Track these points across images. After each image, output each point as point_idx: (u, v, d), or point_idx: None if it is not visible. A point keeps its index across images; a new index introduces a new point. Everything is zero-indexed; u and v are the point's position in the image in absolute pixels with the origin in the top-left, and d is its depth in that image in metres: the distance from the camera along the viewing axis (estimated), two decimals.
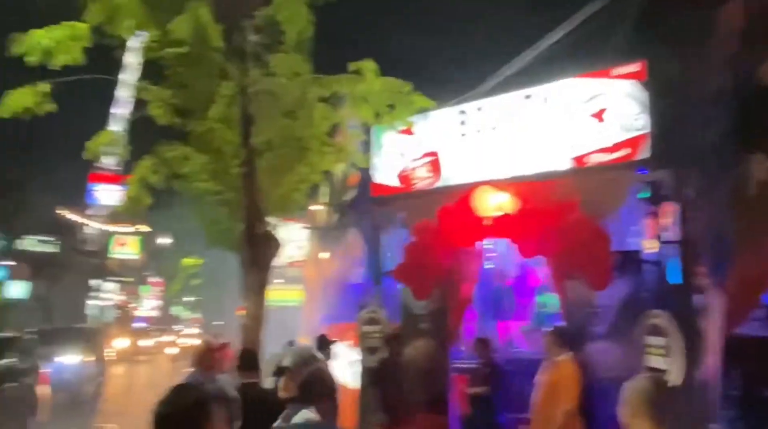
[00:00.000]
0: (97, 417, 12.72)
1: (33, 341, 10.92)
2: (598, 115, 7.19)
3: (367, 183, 9.60)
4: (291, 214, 9.62)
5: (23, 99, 6.36)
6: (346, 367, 10.42)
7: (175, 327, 49.33)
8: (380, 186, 9.08)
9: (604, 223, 6.68)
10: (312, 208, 16.06)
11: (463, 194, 7.73)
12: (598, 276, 6.44)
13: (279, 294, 17.98)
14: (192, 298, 58.74)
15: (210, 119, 7.19)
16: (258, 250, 7.26)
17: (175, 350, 34.28)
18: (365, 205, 10.20)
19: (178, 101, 7.27)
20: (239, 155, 7.36)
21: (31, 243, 29.69)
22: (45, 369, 10.42)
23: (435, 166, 8.48)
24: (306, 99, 7.31)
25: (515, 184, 7.58)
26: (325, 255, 18.43)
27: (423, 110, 7.96)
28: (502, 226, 7.50)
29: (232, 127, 7.40)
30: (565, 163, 7.38)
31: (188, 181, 8.29)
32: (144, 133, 9.39)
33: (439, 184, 8.42)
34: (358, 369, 9.55)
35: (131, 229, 40.60)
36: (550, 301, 8.43)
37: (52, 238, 31.94)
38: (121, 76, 25.52)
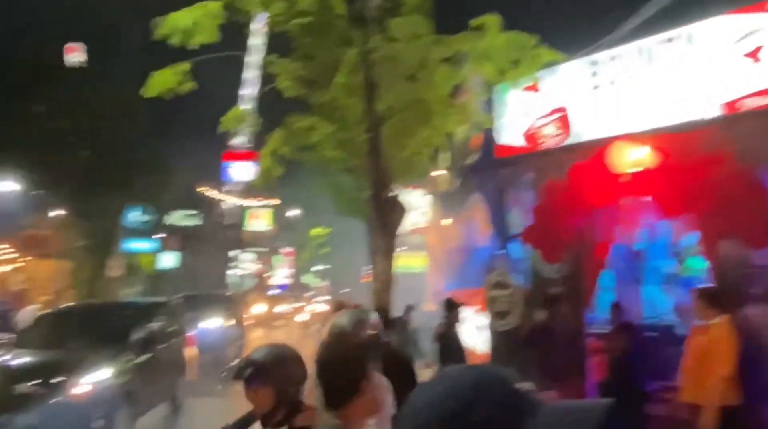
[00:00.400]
0: None
1: (180, 306, 11.69)
2: (753, 55, 6.41)
3: (491, 144, 9.34)
4: (415, 178, 9.64)
5: (166, 79, 6.82)
6: (473, 332, 10.39)
7: (306, 294, 51.99)
8: (505, 147, 8.81)
9: (760, 175, 6.00)
10: (434, 173, 16.00)
11: (596, 150, 7.28)
12: (755, 233, 5.82)
13: (403, 261, 18.26)
14: (321, 267, 61.51)
15: (334, 88, 7.32)
16: (385, 216, 7.36)
17: (306, 316, 36.01)
18: (489, 168, 9.97)
19: (304, 73, 7.47)
20: (363, 122, 7.46)
21: (177, 218, 32.55)
22: (191, 332, 11.16)
23: (564, 123, 8.06)
24: (427, 61, 7.21)
25: (655, 137, 7.00)
26: (447, 221, 18.39)
27: (550, 64, 7.56)
28: (641, 183, 6.99)
29: (355, 95, 7.49)
30: (713, 111, 6.70)
31: (315, 151, 8.57)
32: (272, 108, 9.81)
33: (570, 141, 7.99)
34: (487, 334, 9.48)
35: (263, 202, 43.09)
36: (696, 262, 7.79)
37: (194, 213, 34.77)
38: (248, 58, 26.83)
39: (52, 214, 22.37)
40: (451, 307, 7.37)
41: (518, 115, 8.53)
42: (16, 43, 18.06)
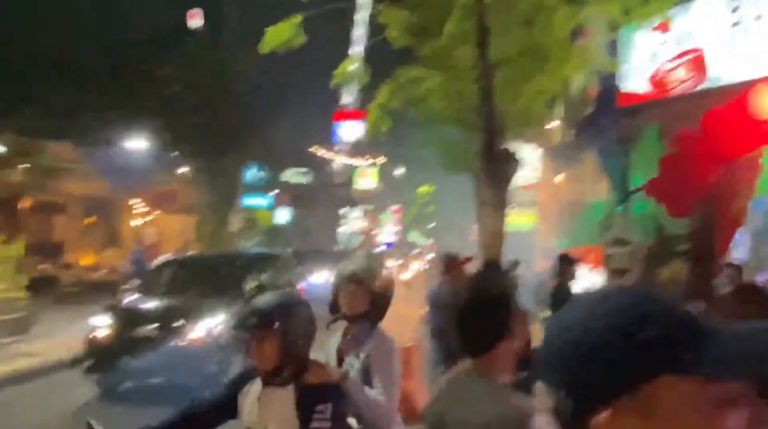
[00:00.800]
0: None
1: (290, 259, 12.09)
2: None
3: (610, 93, 8.74)
4: (530, 129, 9.24)
5: (281, 33, 6.94)
6: (586, 290, 10.00)
7: (412, 252, 52.55)
8: (628, 94, 8.19)
9: None
10: (547, 125, 15.32)
11: (736, 95, 6.57)
12: None
13: (511, 219, 17.81)
14: (427, 225, 61.85)
15: (445, 36, 7.10)
16: (497, 167, 7.13)
17: (409, 275, 35.88)
18: (608, 118, 9.35)
19: (414, 20, 7.30)
20: (474, 71, 7.19)
21: (290, 175, 33.89)
22: (300, 285, 11.48)
23: (698, 65, 7.34)
24: (544, 3, 6.77)
25: None
26: (560, 176, 17.65)
27: (683, 0, 6.85)
28: None
29: (466, 43, 7.23)
30: None
31: (424, 103, 8.43)
32: (380, 63, 9.73)
33: (704, 85, 7.28)
34: None
35: (370, 161, 43.80)
36: None
37: (305, 171, 36.04)
38: (357, 15, 26.84)
39: (179, 171, 24.06)
40: (567, 263, 7.09)
41: (645, 59, 7.88)
42: (145, 11, 19.28)
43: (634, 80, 8.04)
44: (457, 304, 1.83)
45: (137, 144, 20.43)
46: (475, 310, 1.77)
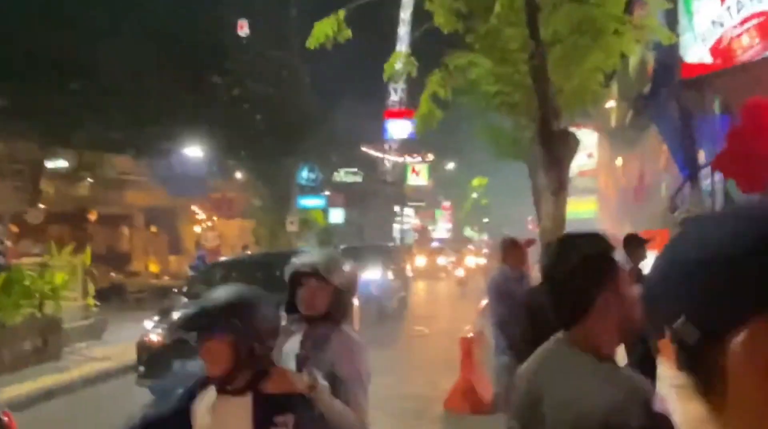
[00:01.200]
0: (402, 324, 13.77)
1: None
2: None
3: (669, 67, 8.34)
4: (586, 107, 8.92)
5: (326, 28, 6.93)
6: None
7: (465, 247, 52.05)
8: (690, 65, 7.79)
9: None
10: (603, 106, 14.81)
11: None
12: None
13: (571, 206, 17.29)
14: (481, 219, 61.25)
15: (493, 17, 6.92)
16: (555, 149, 6.89)
17: (461, 272, 35.07)
18: (669, 92, 8.93)
19: (460, 5, 7.16)
20: (525, 52, 6.99)
21: (342, 175, 34.24)
22: None
23: (765, 30, 6.90)
24: None
25: None
26: (619, 160, 17.05)
27: None
28: None
29: (515, 23, 7.04)
30: None
31: (475, 88, 8.28)
32: (428, 57, 9.64)
33: None
34: None
35: (419, 158, 43.81)
36: None
37: (356, 171, 36.35)
38: (402, 13, 26.81)
39: (235, 176, 24.66)
40: (634, 244, 6.78)
41: (707, 27, 7.47)
42: (194, 23, 19.77)
43: (696, 50, 7.64)
44: (543, 269, 1.62)
45: (194, 152, 20.99)
46: (560, 273, 1.56)
